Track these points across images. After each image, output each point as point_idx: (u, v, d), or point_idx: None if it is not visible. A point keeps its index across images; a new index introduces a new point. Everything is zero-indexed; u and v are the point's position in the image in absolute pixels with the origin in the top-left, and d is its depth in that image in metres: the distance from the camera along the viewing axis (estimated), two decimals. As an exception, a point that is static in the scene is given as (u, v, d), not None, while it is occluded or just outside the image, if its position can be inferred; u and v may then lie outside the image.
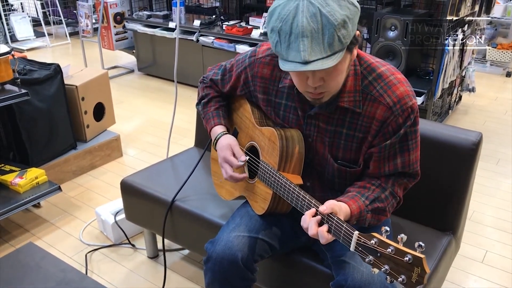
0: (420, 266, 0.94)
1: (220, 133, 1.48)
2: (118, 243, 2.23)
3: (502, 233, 2.33)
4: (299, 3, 1.04)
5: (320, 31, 1.03)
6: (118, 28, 4.74)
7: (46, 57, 5.51)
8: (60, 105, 2.63)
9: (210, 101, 1.56)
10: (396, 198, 1.29)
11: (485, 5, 3.41)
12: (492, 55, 4.87)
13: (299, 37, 1.04)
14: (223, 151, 1.43)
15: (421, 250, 0.95)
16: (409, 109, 1.20)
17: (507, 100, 4.11)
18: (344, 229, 1.07)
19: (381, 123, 1.22)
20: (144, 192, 1.91)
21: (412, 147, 1.25)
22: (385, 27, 3.06)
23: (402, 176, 1.28)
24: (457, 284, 1.99)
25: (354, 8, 1.06)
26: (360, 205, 1.19)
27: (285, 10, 1.06)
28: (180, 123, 3.50)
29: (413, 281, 0.95)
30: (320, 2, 1.03)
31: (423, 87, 3.09)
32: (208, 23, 4.19)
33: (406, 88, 1.21)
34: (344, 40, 1.05)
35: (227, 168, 1.42)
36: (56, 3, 6.09)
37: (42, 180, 2.37)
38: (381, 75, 1.22)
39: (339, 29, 1.03)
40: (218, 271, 1.32)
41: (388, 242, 0.99)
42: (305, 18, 1.03)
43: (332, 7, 1.03)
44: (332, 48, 1.04)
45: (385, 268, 0.99)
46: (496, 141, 3.31)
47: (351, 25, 1.05)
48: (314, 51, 1.04)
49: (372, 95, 1.22)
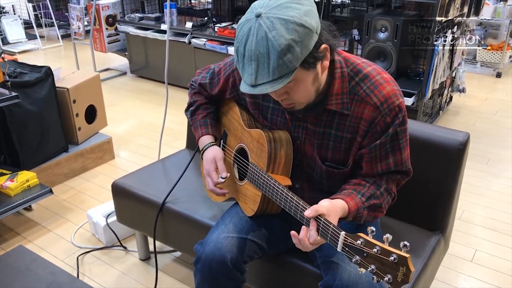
0: (405, 265, 0.95)
1: (207, 144, 1.49)
2: (110, 245, 2.23)
3: (492, 232, 2.35)
4: (252, 25, 1.06)
5: (265, 55, 1.05)
6: (110, 31, 4.73)
7: (38, 60, 5.49)
8: (51, 107, 2.63)
9: (198, 108, 1.57)
10: (391, 195, 1.30)
11: (474, 7, 3.44)
12: (482, 56, 4.91)
13: (248, 60, 1.07)
14: (208, 164, 1.46)
15: (406, 249, 0.96)
16: (396, 108, 1.21)
17: (497, 101, 4.15)
18: (331, 230, 1.08)
19: (369, 123, 1.23)
20: (135, 194, 1.91)
21: (403, 145, 1.26)
22: (375, 29, 3.09)
23: (396, 173, 1.30)
24: (447, 283, 2.00)
25: (304, 30, 1.05)
26: (357, 202, 1.20)
27: (242, 31, 1.09)
28: (172, 125, 3.50)
29: (398, 280, 0.96)
30: (268, 25, 1.04)
31: (414, 88, 3.12)
32: (200, 25, 4.20)
33: (393, 87, 1.22)
34: (291, 64, 1.06)
35: (209, 181, 1.45)
36: (48, 5, 6.07)
37: (33, 183, 2.36)
38: (367, 75, 1.24)
39: (284, 54, 1.04)
40: (207, 272, 1.33)
41: (374, 242, 1.00)
42: (254, 42, 1.05)
43: (278, 31, 1.03)
44: (277, 72, 1.06)
45: (371, 268, 1.00)
46: (486, 141, 3.34)
47: (300, 48, 1.05)
48: (260, 75, 1.07)
49: (359, 96, 1.23)
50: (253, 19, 1.06)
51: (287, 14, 1.04)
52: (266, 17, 1.05)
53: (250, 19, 1.07)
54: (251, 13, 1.08)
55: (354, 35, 3.65)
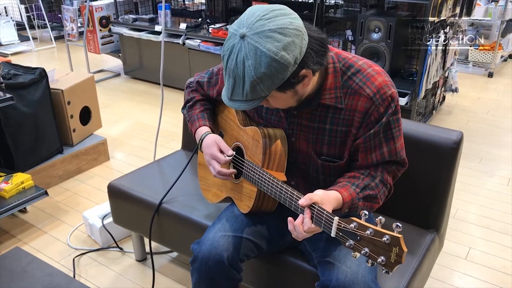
0: (398, 245, 0.97)
1: (205, 132, 1.50)
2: (106, 246, 2.23)
3: (486, 230, 2.37)
4: (235, 43, 1.09)
5: (241, 78, 1.10)
6: (104, 32, 4.72)
7: (31, 61, 5.47)
8: (46, 109, 2.62)
9: (195, 104, 1.59)
10: (386, 186, 1.31)
11: (466, 7, 3.47)
12: (474, 56, 4.96)
13: (228, 75, 1.13)
14: (210, 148, 1.45)
15: (399, 230, 0.98)
16: (389, 97, 1.23)
17: (489, 100, 4.19)
18: (325, 216, 1.10)
19: (363, 114, 1.24)
20: (132, 195, 1.91)
21: (396, 135, 1.28)
22: (369, 29, 3.11)
23: (391, 163, 1.31)
24: (442, 281, 2.02)
25: (279, 65, 1.07)
26: (351, 193, 1.22)
27: (228, 43, 1.11)
28: (167, 126, 3.50)
29: (392, 261, 0.98)
30: (247, 52, 1.07)
31: (407, 88, 3.14)
32: (194, 26, 4.21)
33: (385, 78, 1.25)
34: (263, 92, 1.11)
35: (214, 164, 1.43)
36: (41, 7, 6.05)
37: (28, 185, 2.35)
38: (359, 69, 1.26)
39: (257, 84, 1.09)
40: (204, 271, 1.34)
41: (367, 225, 1.02)
42: (234, 62, 1.09)
43: (253, 62, 1.06)
44: (250, 95, 1.12)
45: (365, 250, 1.02)
46: (479, 140, 3.37)
47: (272, 80, 1.08)
48: (235, 93, 1.13)
49: (352, 89, 1.25)
50: (237, 38, 1.08)
51: (266, 47, 1.05)
52: (248, 42, 1.07)
53: (235, 35, 1.09)
54: (237, 28, 1.09)
55: (348, 36, 3.67)
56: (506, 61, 5.36)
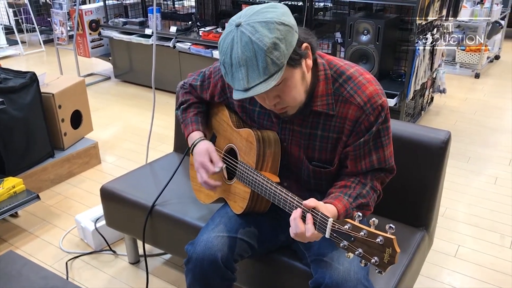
0: (391, 246, 0.99)
1: (198, 138, 1.51)
2: (99, 250, 2.23)
3: (474, 228, 2.42)
4: (234, 35, 1.11)
5: (253, 58, 1.09)
6: (93, 35, 4.72)
7: (20, 66, 5.43)
8: (37, 113, 2.62)
9: (189, 106, 1.60)
10: (376, 192, 1.33)
11: (452, 9, 3.53)
12: (461, 57, 5.03)
13: (237, 67, 1.12)
14: (201, 156, 1.46)
15: (392, 231, 1.00)
16: (379, 107, 1.25)
17: (476, 101, 4.26)
18: (319, 218, 1.12)
19: (353, 123, 1.27)
20: (124, 198, 1.92)
21: (386, 143, 1.30)
22: (358, 32, 3.15)
23: (379, 171, 1.34)
24: (432, 278, 2.06)
25: (285, 28, 1.11)
26: (345, 204, 1.23)
27: (225, 43, 1.13)
28: (158, 129, 3.50)
29: (385, 261, 1.00)
30: (250, 30, 1.09)
31: (396, 89, 3.19)
32: (185, 29, 4.22)
33: (375, 87, 1.27)
34: (279, 61, 1.10)
35: (203, 173, 1.46)
36: (29, 10, 6.01)
37: (19, 189, 2.35)
38: (350, 76, 1.28)
39: (271, 52, 1.09)
40: (198, 272, 1.35)
41: (361, 226, 1.04)
42: (240, 49, 1.10)
43: (261, 33, 1.09)
44: (268, 71, 1.10)
45: (358, 251, 1.04)
46: (466, 140, 3.42)
47: (284, 44, 1.10)
48: (252, 78, 1.11)
49: (343, 96, 1.27)
50: (234, 30, 1.12)
51: (266, 17, 1.10)
52: (247, 23, 1.10)
53: (231, 31, 1.12)
54: (230, 26, 1.14)
55: (337, 38, 3.71)
56: (492, 62, 5.45)
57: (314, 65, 1.27)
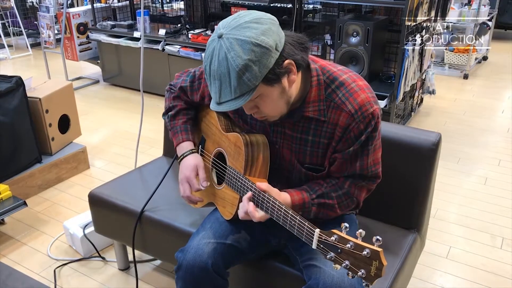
0: (378, 259, 0.98)
1: (189, 151, 1.49)
2: (88, 256, 2.20)
3: (465, 229, 2.42)
4: (215, 45, 1.11)
5: (227, 75, 1.10)
6: (81, 39, 4.66)
7: (6, 70, 5.36)
8: (23, 118, 2.58)
9: (178, 113, 1.57)
10: (352, 200, 1.33)
11: (441, 11, 3.55)
12: (450, 58, 5.06)
13: (213, 79, 1.13)
14: (188, 171, 1.46)
15: (379, 244, 0.99)
16: (370, 115, 1.24)
17: (465, 101, 4.28)
18: (305, 228, 1.11)
19: (343, 130, 1.26)
20: (113, 203, 1.89)
21: (371, 151, 1.30)
22: (347, 33, 3.14)
23: (361, 179, 1.33)
24: (424, 280, 2.05)
25: (261, 50, 1.08)
26: (304, 197, 1.27)
27: (208, 51, 1.14)
28: (148, 133, 3.47)
29: (372, 274, 0.99)
30: (228, 46, 1.09)
31: (386, 91, 3.19)
32: (174, 32, 4.19)
33: (367, 95, 1.25)
34: (250, 82, 1.10)
35: (186, 187, 1.46)
36: (16, 14, 5.94)
37: (6, 195, 2.30)
38: (343, 82, 1.27)
39: (243, 73, 1.08)
40: (189, 279, 1.33)
41: (348, 238, 1.03)
42: (216, 62, 1.10)
43: (236, 52, 1.08)
44: (239, 90, 1.11)
45: (345, 263, 1.03)
46: (456, 141, 3.44)
47: (258, 67, 1.09)
48: (224, 93, 1.12)
49: (335, 103, 1.26)
50: (216, 40, 1.11)
51: (244, 35, 1.08)
52: (226, 38, 1.09)
53: (214, 39, 1.12)
54: (215, 33, 1.13)
55: (327, 40, 3.71)
56: (480, 63, 5.49)
57: (307, 71, 1.26)
